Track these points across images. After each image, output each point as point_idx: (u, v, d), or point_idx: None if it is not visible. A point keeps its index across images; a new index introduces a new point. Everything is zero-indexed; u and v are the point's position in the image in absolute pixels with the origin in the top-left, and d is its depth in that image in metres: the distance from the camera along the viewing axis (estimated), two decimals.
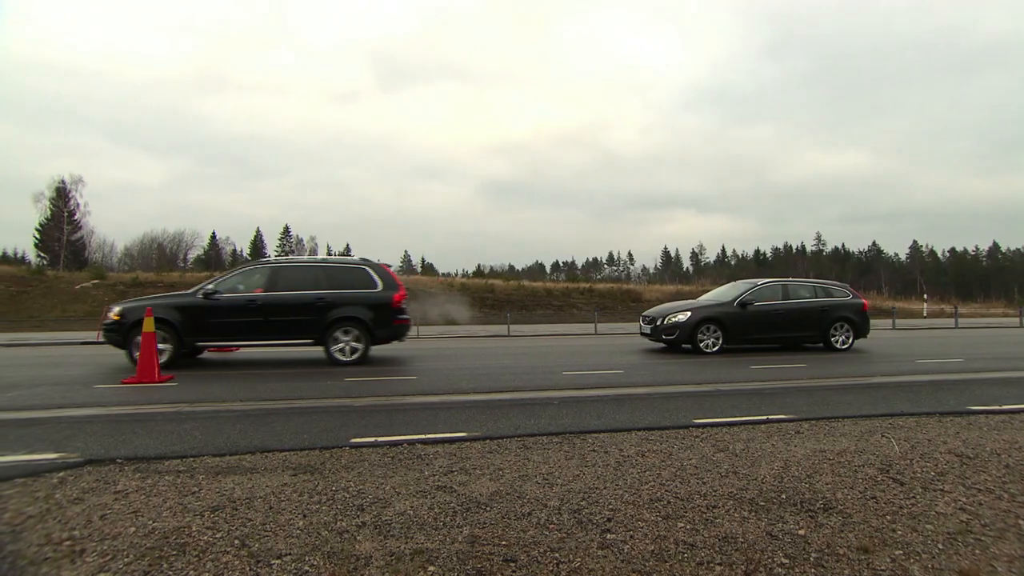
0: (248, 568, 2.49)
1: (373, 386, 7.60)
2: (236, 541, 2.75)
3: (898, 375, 8.80)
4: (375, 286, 10.11)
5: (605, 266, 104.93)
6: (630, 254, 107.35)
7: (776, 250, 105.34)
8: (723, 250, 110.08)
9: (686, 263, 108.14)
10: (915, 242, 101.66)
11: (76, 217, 53.00)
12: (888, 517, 3.06)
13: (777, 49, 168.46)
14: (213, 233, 78.89)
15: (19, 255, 59.57)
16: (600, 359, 11.05)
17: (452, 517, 3.05)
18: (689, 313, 11.88)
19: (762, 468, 3.90)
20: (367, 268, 10.30)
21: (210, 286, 9.67)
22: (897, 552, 2.66)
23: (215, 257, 73.82)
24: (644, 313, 13.20)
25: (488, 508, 3.18)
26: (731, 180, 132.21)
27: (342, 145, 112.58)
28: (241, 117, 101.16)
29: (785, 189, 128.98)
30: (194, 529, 2.88)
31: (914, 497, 3.36)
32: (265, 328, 9.61)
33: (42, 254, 52.47)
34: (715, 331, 11.79)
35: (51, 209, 51.98)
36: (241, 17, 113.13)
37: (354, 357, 9.83)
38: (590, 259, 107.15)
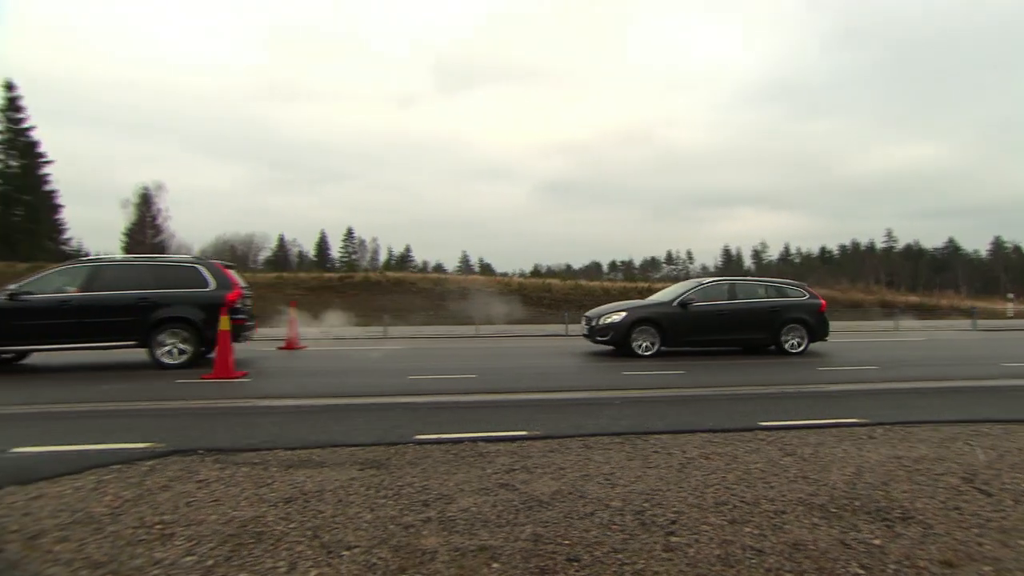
0: (320, 558, 2.58)
1: (435, 384, 7.72)
2: (308, 532, 2.85)
3: (982, 379, 8.28)
4: (207, 285, 9.59)
5: (664, 265, 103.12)
6: (689, 253, 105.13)
7: (843, 248, 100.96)
8: (787, 248, 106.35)
9: (748, 262, 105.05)
10: (997, 238, 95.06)
11: (158, 221, 56.01)
12: (974, 530, 2.89)
13: (845, 39, 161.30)
14: (281, 235, 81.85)
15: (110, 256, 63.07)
16: (658, 359, 10.86)
17: (515, 515, 3.07)
18: (624, 313, 11.17)
19: (833, 473, 3.75)
20: (198, 267, 9.80)
21: (13, 286, 9.07)
22: (986, 568, 2.51)
23: (283, 258, 76.55)
24: (586, 313, 12.36)
25: (550, 507, 3.18)
26: (796, 176, 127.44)
27: (404, 148, 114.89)
28: (310, 124, 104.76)
29: (854, 184, 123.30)
30: (269, 519, 3.00)
31: (1004, 510, 3.16)
32: (80, 330, 9.03)
33: (131, 255, 55.64)
34: (652, 333, 11.05)
35: (136, 214, 55.10)
36: (309, 27, 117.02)
37: (182, 359, 9.26)
38: (648, 258, 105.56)
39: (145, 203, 55.24)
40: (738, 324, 11.47)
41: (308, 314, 20.57)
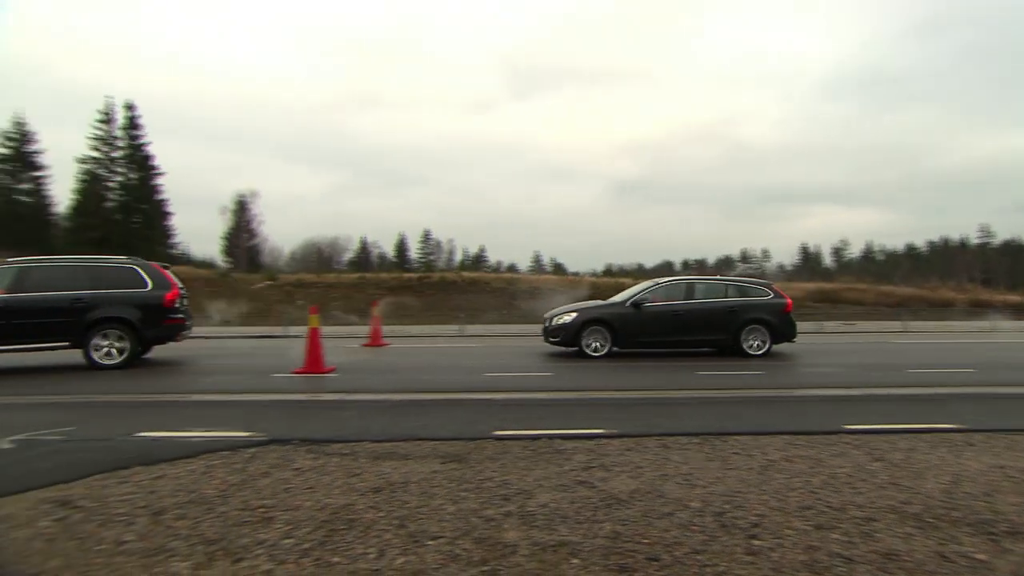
0: (406, 546, 2.65)
1: (510, 381, 7.78)
2: (395, 521, 2.94)
3: None
4: (144, 285, 9.41)
5: (738, 264, 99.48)
6: (765, 251, 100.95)
7: (932, 244, 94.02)
8: (869, 245, 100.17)
9: (827, 260, 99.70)
10: None
11: (252, 226, 59.34)
12: None
13: (931, 24, 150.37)
14: (363, 238, 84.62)
15: (210, 260, 67.33)
16: (737, 359, 10.51)
17: (593, 512, 3.05)
18: (575, 314, 10.85)
19: (928, 481, 3.51)
20: (135, 267, 9.59)
21: None
22: None
23: (364, 259, 79.07)
24: (545, 313, 11.94)
25: (629, 505, 3.14)
26: (879, 170, 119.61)
27: (478, 152, 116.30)
28: (391, 130, 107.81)
29: (944, 177, 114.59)
30: (359, 507, 3.11)
31: None
32: (9, 332, 8.73)
33: (228, 259, 59.20)
34: (603, 333, 10.66)
35: (233, 220, 58.56)
36: (390, 38, 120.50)
37: (120, 360, 9.08)
38: (722, 257, 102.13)
39: (241, 209, 58.59)
40: (694, 325, 10.98)
41: (389, 313, 21.19)
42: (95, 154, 45.14)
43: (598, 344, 10.63)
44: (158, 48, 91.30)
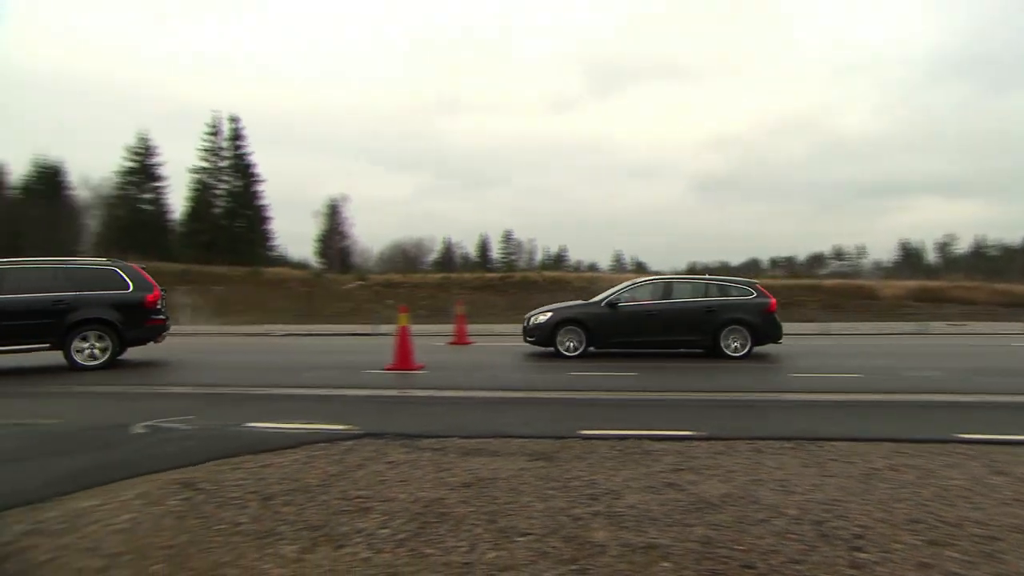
0: (497, 541, 2.69)
1: (594, 380, 7.72)
2: (485, 516, 2.98)
3: None
4: (125, 287, 9.43)
5: (831, 260, 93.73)
6: (859, 247, 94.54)
7: None
8: (980, 240, 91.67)
9: (931, 256, 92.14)
10: None
11: (343, 229, 61.97)
12: None
13: None
14: (447, 239, 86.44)
15: (305, 262, 70.81)
16: (831, 361, 9.95)
17: (683, 515, 2.98)
18: (550, 314, 10.64)
19: None
20: (115, 269, 9.60)
21: None
22: None
23: (448, 260, 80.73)
24: (527, 314, 11.63)
25: (720, 510, 3.04)
26: (991, 158, 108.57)
27: (559, 151, 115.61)
28: (473, 132, 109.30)
29: None
30: (450, 501, 3.19)
31: None
32: None
33: (321, 260, 62.19)
34: (578, 333, 10.43)
35: (326, 223, 61.40)
36: (470, 42, 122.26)
37: (102, 360, 9.06)
38: (813, 254, 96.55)
39: (333, 213, 61.26)
40: (670, 325, 10.63)
41: (472, 312, 21.55)
42: (204, 164, 48.78)
43: (573, 344, 10.50)
44: (257, 63, 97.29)
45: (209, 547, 2.65)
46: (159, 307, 9.75)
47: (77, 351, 8.97)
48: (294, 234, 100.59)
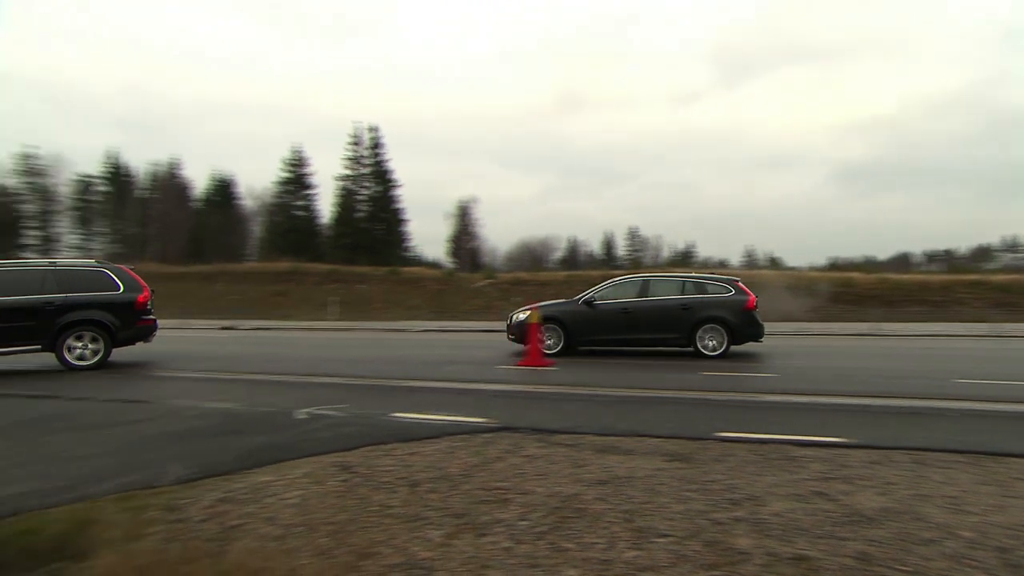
0: (635, 541, 2.67)
1: (731, 381, 7.39)
2: (622, 515, 2.98)
3: None
4: (116, 288, 9.42)
5: (1001, 253, 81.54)
6: None
7: None
8: None
9: None
10: None
11: (473, 230, 64.03)
12: None
13: None
14: (571, 237, 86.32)
15: (438, 262, 73.95)
16: (1003, 367, 8.74)
17: (835, 527, 2.78)
18: (529, 312, 10.30)
19: None
20: (105, 270, 9.60)
21: None
22: None
23: (572, 258, 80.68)
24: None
25: (879, 525, 2.80)
26: None
27: (685, 145, 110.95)
28: (596, 130, 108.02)
29: None
30: (587, 498, 3.21)
31: None
32: None
33: (453, 260, 64.75)
34: (556, 331, 10.45)
35: (457, 224, 63.79)
36: (592, 40, 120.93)
37: (94, 361, 9.06)
38: (978, 246, 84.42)
39: (463, 214, 63.47)
40: (645, 323, 10.47)
41: None
42: (348, 172, 52.67)
43: (552, 342, 10.46)
44: (394, 74, 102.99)
45: (365, 526, 2.88)
46: (149, 308, 9.85)
47: (69, 352, 9.02)
48: (428, 235, 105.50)
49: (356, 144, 52.86)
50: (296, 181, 53.30)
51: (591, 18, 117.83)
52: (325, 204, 55.99)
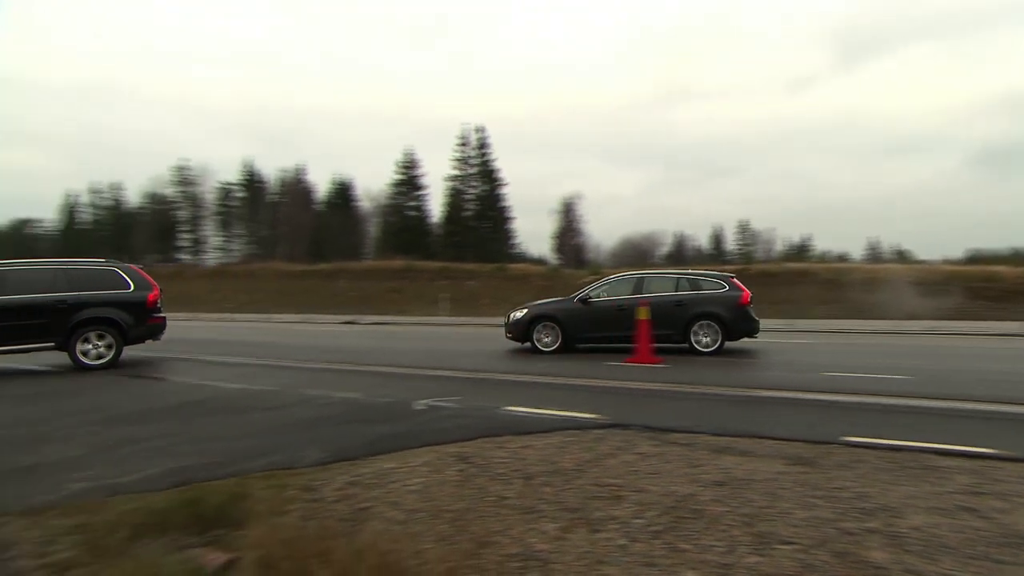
0: (756, 546, 2.57)
1: (855, 383, 6.85)
2: (741, 518, 2.86)
3: None
4: (126, 287, 9.44)
5: None
6: None
7: None
8: None
9: None
10: None
11: (577, 226, 63.69)
12: None
13: None
14: (678, 232, 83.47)
15: (542, 258, 74.25)
16: None
17: (988, 548, 2.51)
18: (526, 311, 10.92)
19: None
20: (116, 269, 9.58)
21: None
22: None
23: (679, 253, 78.10)
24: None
25: None
26: None
27: (799, 134, 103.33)
28: (702, 121, 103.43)
29: None
30: (703, 499, 3.12)
31: None
32: None
33: (557, 256, 64.83)
34: (552, 329, 10.59)
35: (561, 221, 63.75)
36: (696, 25, 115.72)
37: (107, 359, 9.06)
38: None
39: (567, 211, 63.31)
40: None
41: None
42: (456, 172, 54.26)
43: (548, 340, 10.58)
44: (498, 73, 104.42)
45: (483, 516, 2.98)
46: (159, 305, 9.95)
47: (82, 350, 9.07)
48: (533, 232, 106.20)
49: (463, 145, 54.37)
50: (408, 183, 55.69)
51: (696, 1, 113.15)
52: (435, 204, 58.07)
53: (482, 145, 54.25)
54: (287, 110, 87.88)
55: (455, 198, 54.34)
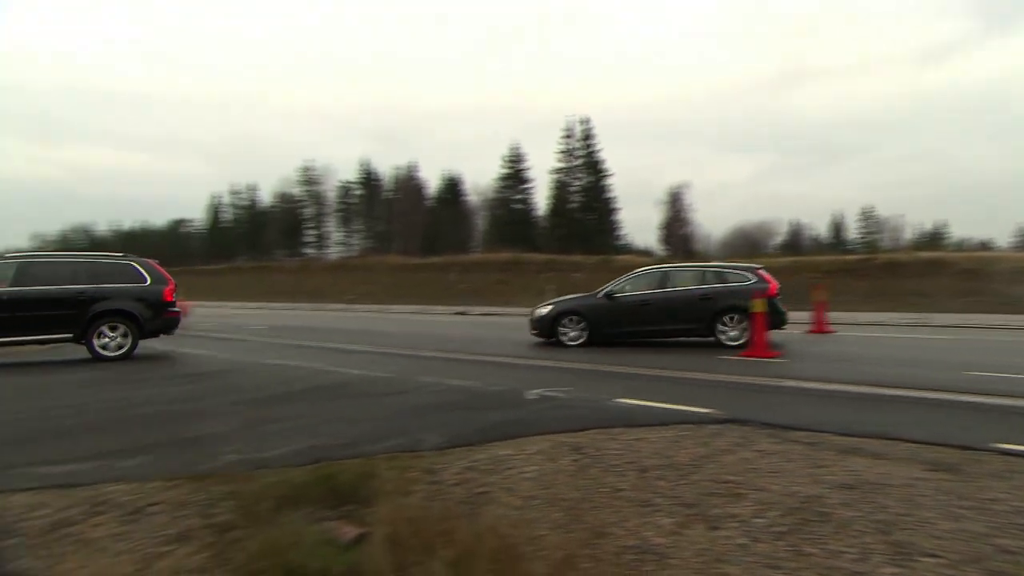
0: (894, 556, 2.38)
1: (1006, 384, 6.13)
2: (874, 525, 2.66)
3: None
4: (143, 280, 9.57)
5: None
6: None
7: None
8: None
9: None
10: None
11: (685, 215, 61.49)
12: None
13: None
14: (793, 220, 78.05)
15: (649, 249, 72.45)
16: None
17: None
18: (551, 307, 10.68)
19: None
20: (133, 263, 9.70)
21: None
22: None
23: (794, 242, 73.11)
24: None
25: None
26: None
27: (931, 110, 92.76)
28: (822, 103, 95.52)
29: None
30: (830, 501, 2.93)
31: None
32: (14, 324, 8.68)
33: (665, 247, 63.00)
34: (579, 324, 10.31)
35: (668, 211, 61.84)
36: (816, 4, 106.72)
37: (124, 351, 9.22)
38: None
39: (674, 200, 61.27)
40: (665, 314, 10.15)
41: (828, 297, 19.14)
42: (561, 165, 54.16)
43: (575, 334, 10.32)
44: (604, 63, 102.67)
45: (597, 506, 2.99)
46: (174, 299, 10.01)
47: (99, 342, 9.19)
48: (639, 223, 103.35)
49: (568, 137, 54.16)
50: (514, 176, 56.39)
51: None
52: (541, 197, 58.39)
53: (587, 136, 53.78)
54: (401, 111, 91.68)
55: (560, 190, 54.29)
